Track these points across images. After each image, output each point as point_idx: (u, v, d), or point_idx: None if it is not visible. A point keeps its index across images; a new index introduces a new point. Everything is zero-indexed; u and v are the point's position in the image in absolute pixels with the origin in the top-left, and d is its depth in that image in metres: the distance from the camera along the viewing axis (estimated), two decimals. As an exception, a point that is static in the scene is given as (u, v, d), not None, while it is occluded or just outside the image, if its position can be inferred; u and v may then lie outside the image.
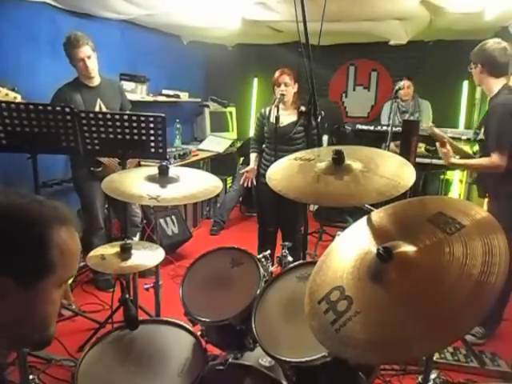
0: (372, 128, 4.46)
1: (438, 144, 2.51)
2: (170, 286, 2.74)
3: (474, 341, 2.57)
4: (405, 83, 4.34)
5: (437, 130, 2.65)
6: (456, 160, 2.52)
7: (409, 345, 0.89)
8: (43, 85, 2.73)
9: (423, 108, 4.55)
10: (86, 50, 2.80)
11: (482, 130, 2.56)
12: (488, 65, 2.40)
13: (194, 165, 4.49)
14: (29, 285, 0.74)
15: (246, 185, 3.31)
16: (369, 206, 1.36)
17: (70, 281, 0.85)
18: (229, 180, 5.26)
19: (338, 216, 4.41)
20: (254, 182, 3.25)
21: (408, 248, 1.03)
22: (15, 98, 2.59)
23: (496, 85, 2.43)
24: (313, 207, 4.91)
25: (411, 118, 4.40)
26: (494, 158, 2.31)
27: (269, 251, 1.96)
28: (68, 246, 0.79)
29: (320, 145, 2.48)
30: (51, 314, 0.81)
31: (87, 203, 3.14)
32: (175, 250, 3.91)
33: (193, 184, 1.94)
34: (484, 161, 2.42)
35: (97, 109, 2.94)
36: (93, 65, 2.88)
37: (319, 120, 2.30)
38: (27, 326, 0.78)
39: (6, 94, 2.60)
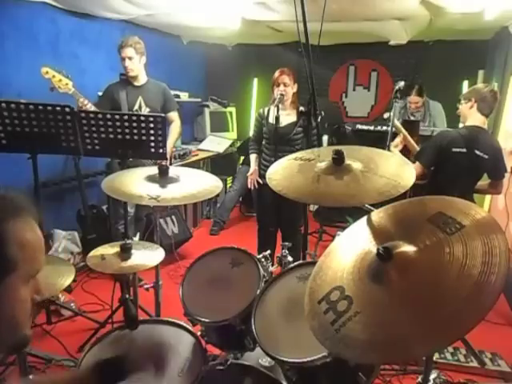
0: (372, 128, 4.46)
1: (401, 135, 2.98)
2: (169, 286, 2.74)
3: None
4: (413, 99, 4.17)
5: (397, 123, 3.03)
6: (394, 150, 2.93)
7: (409, 345, 0.89)
8: (43, 85, 2.73)
9: (435, 113, 4.31)
10: (128, 51, 3.07)
11: None
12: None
13: (194, 165, 4.49)
14: None
15: (252, 187, 3.29)
16: (369, 206, 1.36)
17: (37, 274, 0.78)
18: (229, 180, 5.26)
19: (338, 216, 4.41)
20: (260, 181, 3.23)
21: (408, 248, 1.02)
22: (67, 84, 2.69)
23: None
24: (313, 207, 4.91)
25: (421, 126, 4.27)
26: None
27: (269, 251, 1.96)
28: (27, 238, 0.73)
29: (320, 145, 2.47)
30: (21, 312, 0.75)
31: None
32: (175, 250, 3.90)
33: (193, 184, 1.94)
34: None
35: (137, 105, 3.19)
36: (132, 65, 3.11)
37: (319, 120, 2.30)
38: None
39: (60, 80, 2.69)
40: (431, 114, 4.35)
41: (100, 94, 3.32)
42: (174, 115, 3.35)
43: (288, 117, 3.09)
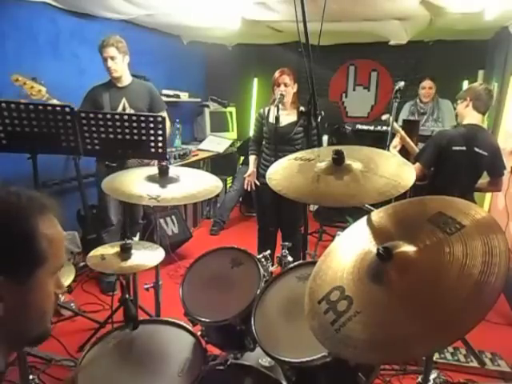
0: (372, 128, 4.46)
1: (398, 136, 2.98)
2: (169, 286, 2.74)
3: None
4: (426, 83, 4.26)
5: (395, 125, 3.03)
6: (393, 151, 2.92)
7: (409, 345, 0.89)
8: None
9: (444, 109, 4.34)
10: (110, 51, 2.94)
11: None
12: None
13: (194, 165, 4.49)
14: (23, 280, 0.73)
15: (248, 189, 3.30)
16: (369, 206, 1.36)
17: (60, 270, 0.83)
18: (229, 180, 5.26)
19: (338, 216, 4.41)
20: (258, 183, 3.24)
21: (408, 248, 1.02)
22: (40, 90, 2.64)
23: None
24: (313, 207, 4.91)
25: (430, 120, 4.28)
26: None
27: (269, 251, 1.96)
28: (53, 234, 0.78)
29: (320, 145, 2.47)
30: (49, 306, 0.79)
31: (100, 199, 3.17)
32: (175, 249, 3.90)
33: (193, 184, 1.94)
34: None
35: (120, 106, 3.07)
36: (114, 65, 2.99)
37: (319, 120, 2.30)
38: (26, 322, 0.77)
39: (32, 87, 2.64)
40: (440, 107, 4.37)
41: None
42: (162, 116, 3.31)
43: (288, 117, 3.09)
